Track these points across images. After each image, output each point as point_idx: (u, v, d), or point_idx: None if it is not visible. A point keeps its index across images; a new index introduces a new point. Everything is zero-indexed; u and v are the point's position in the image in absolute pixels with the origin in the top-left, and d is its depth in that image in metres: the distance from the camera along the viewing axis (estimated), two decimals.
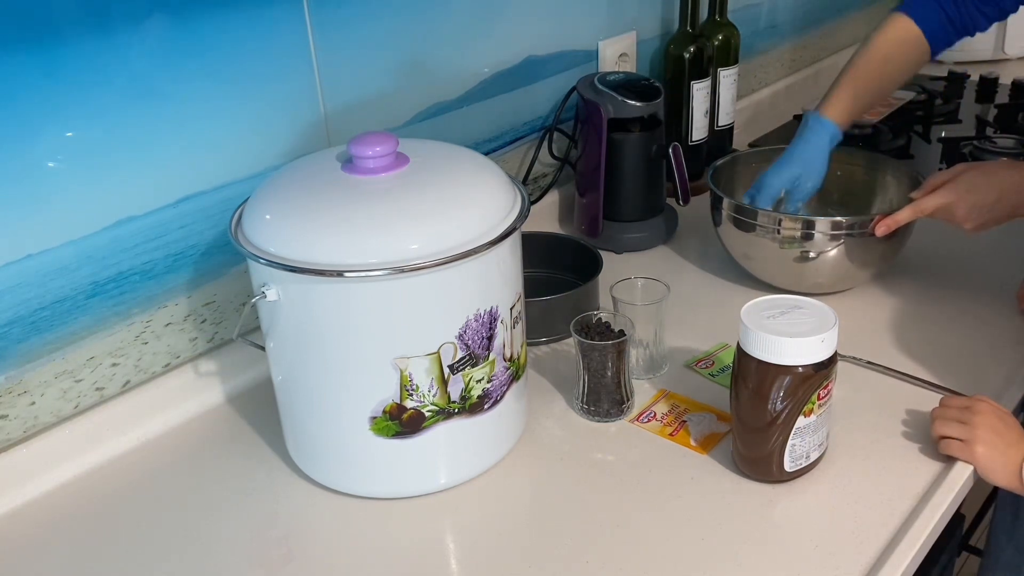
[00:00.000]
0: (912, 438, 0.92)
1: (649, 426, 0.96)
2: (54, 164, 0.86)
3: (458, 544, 0.84)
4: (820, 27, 1.99)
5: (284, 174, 0.87)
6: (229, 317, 1.05)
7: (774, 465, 0.86)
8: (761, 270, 1.19)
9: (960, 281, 1.19)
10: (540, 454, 0.93)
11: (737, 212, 1.16)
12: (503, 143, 1.33)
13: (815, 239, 1.11)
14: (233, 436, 0.98)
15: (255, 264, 0.81)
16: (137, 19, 0.88)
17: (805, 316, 0.83)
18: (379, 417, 0.82)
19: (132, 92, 0.90)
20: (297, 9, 1.00)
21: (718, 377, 1.03)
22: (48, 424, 0.93)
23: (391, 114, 1.15)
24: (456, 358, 0.82)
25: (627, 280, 1.05)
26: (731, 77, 1.54)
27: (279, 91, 1.02)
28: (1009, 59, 2.10)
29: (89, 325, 0.93)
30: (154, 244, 0.96)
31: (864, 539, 0.81)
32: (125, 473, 0.94)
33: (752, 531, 0.82)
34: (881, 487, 0.86)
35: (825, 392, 0.84)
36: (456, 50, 1.20)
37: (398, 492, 0.88)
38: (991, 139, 1.61)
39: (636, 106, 1.26)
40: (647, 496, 0.87)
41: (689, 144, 1.50)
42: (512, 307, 0.86)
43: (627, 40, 1.46)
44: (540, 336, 1.10)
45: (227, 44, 0.95)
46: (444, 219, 0.79)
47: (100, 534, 0.86)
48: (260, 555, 0.83)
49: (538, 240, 1.22)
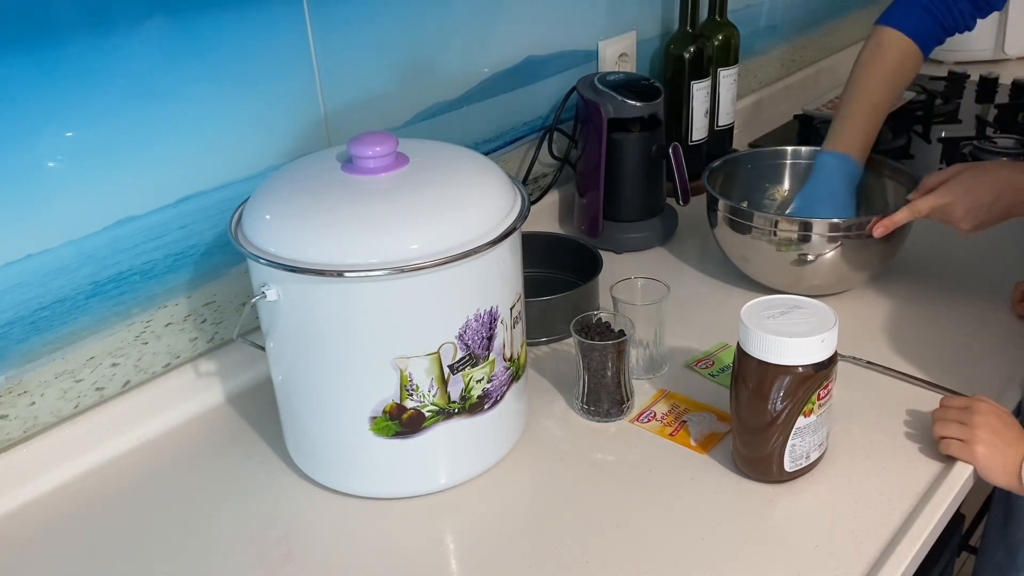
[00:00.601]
0: (912, 438, 0.92)
1: (649, 426, 0.96)
2: (54, 164, 0.86)
3: (458, 544, 0.84)
4: (820, 27, 1.99)
5: (284, 174, 0.87)
6: (229, 317, 1.05)
7: (774, 465, 0.86)
8: (758, 272, 1.18)
9: (959, 281, 1.19)
10: (540, 454, 0.93)
11: (733, 214, 1.16)
12: (503, 143, 1.33)
13: (812, 241, 1.10)
14: (233, 436, 0.98)
15: (255, 264, 0.81)
16: (137, 19, 0.88)
17: (805, 316, 0.83)
18: (379, 417, 0.82)
19: (132, 92, 0.90)
20: (297, 9, 1.00)
21: (718, 377, 1.03)
22: (48, 424, 0.93)
23: (391, 114, 1.15)
24: (456, 358, 0.82)
25: (627, 280, 1.05)
26: (731, 77, 1.54)
27: (279, 91, 1.02)
28: (1009, 59, 2.10)
29: (89, 325, 0.93)
30: (154, 244, 0.96)
31: (864, 539, 0.81)
32: (125, 473, 0.94)
33: (752, 531, 0.82)
34: (881, 487, 0.86)
35: (825, 392, 0.84)
36: (456, 50, 1.21)
37: (398, 492, 0.88)
38: (991, 139, 1.61)
39: (636, 106, 1.26)
40: (647, 496, 0.87)
41: (689, 144, 1.50)
42: (512, 307, 0.86)
43: (627, 40, 1.47)
44: (540, 336, 1.10)
45: (227, 44, 0.95)
46: (444, 219, 0.79)
47: (100, 534, 0.86)
48: (260, 555, 0.83)
49: (538, 240, 1.22)
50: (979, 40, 2.02)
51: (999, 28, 2.05)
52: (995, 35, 2.07)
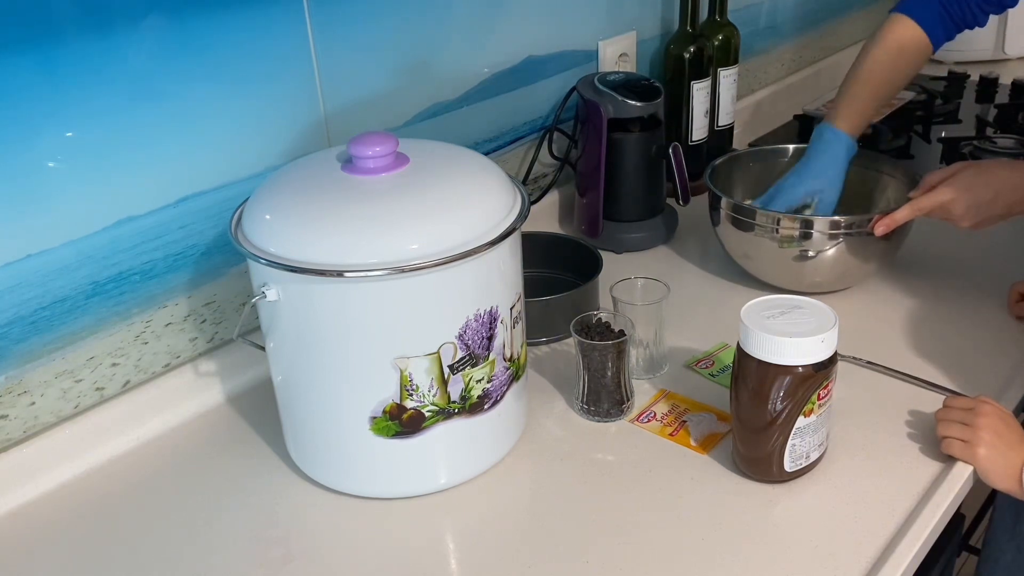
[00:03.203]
0: (912, 438, 0.92)
1: (649, 426, 0.96)
2: (54, 164, 0.86)
3: (458, 544, 0.84)
4: (820, 27, 1.98)
5: (284, 174, 0.87)
6: (229, 317, 1.05)
7: (774, 465, 0.86)
8: (760, 270, 1.19)
9: (959, 280, 1.19)
10: (540, 454, 0.93)
11: (735, 212, 1.16)
12: (503, 143, 1.33)
13: (814, 238, 1.11)
14: (233, 436, 0.98)
15: (255, 264, 0.81)
16: (137, 19, 0.88)
17: (805, 316, 0.83)
18: (379, 417, 0.82)
19: (132, 92, 0.90)
20: (297, 9, 1.00)
21: (718, 377, 1.03)
22: (48, 424, 0.93)
23: (391, 114, 1.15)
24: (456, 358, 0.82)
25: (627, 280, 1.05)
26: (731, 77, 1.54)
27: (279, 91, 1.02)
28: (1009, 59, 2.10)
29: (89, 325, 0.93)
30: (154, 244, 0.96)
31: (864, 539, 0.81)
32: (125, 473, 0.94)
33: (752, 531, 0.82)
34: (881, 487, 0.86)
35: (825, 392, 0.84)
36: (456, 50, 1.20)
37: (398, 492, 0.88)
38: (991, 139, 1.61)
39: (636, 106, 1.26)
40: (647, 496, 0.87)
41: (689, 144, 1.50)
42: (512, 307, 0.86)
43: (627, 40, 1.46)
44: (540, 336, 1.10)
45: (227, 44, 0.95)
46: (444, 219, 0.79)
47: (100, 534, 0.86)
48: (260, 555, 0.83)
49: (538, 240, 1.22)
50: (979, 40, 2.02)
51: (999, 28, 2.05)
52: (995, 35, 2.07)
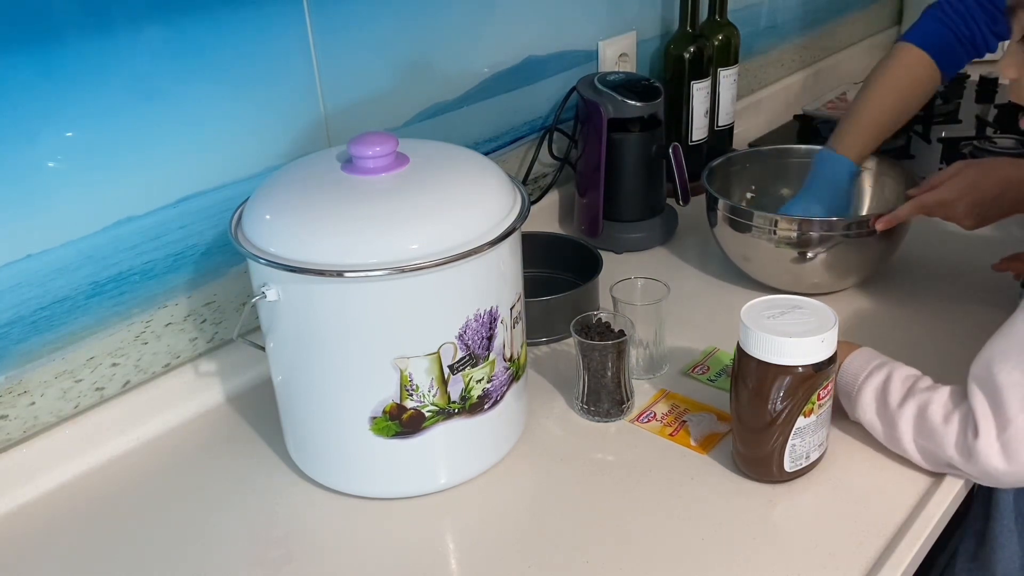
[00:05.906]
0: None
1: (649, 426, 0.96)
2: (54, 164, 0.86)
3: (458, 544, 0.84)
4: (820, 27, 1.99)
5: (284, 174, 0.87)
6: (229, 317, 1.05)
7: (774, 465, 0.86)
8: (758, 271, 1.19)
9: (958, 280, 1.19)
10: (540, 454, 0.93)
11: (732, 213, 1.16)
12: (503, 143, 1.33)
13: (812, 239, 1.11)
14: (233, 436, 0.98)
15: (255, 264, 0.81)
16: (137, 19, 0.88)
17: (805, 316, 0.83)
18: (379, 417, 0.82)
19: (132, 92, 0.90)
20: (297, 9, 1.00)
21: (716, 382, 1.03)
22: (48, 424, 0.93)
23: (391, 114, 1.15)
24: (456, 358, 0.82)
25: (627, 280, 1.05)
26: (731, 77, 1.54)
27: (279, 91, 1.02)
28: None
29: (89, 325, 0.93)
30: (154, 244, 0.96)
31: (864, 539, 0.81)
32: (125, 473, 0.94)
33: (752, 531, 0.82)
34: (881, 487, 0.86)
35: (825, 392, 0.84)
36: (456, 50, 1.20)
37: (398, 492, 0.88)
38: (991, 139, 1.61)
39: (636, 106, 1.26)
40: (647, 496, 0.87)
41: (689, 144, 1.50)
42: (512, 307, 0.86)
43: (627, 40, 1.47)
44: (540, 336, 1.10)
45: (227, 44, 0.95)
46: (444, 219, 0.79)
47: (100, 534, 0.86)
48: (260, 555, 0.83)
49: (538, 240, 1.22)
50: None
51: None
52: None
